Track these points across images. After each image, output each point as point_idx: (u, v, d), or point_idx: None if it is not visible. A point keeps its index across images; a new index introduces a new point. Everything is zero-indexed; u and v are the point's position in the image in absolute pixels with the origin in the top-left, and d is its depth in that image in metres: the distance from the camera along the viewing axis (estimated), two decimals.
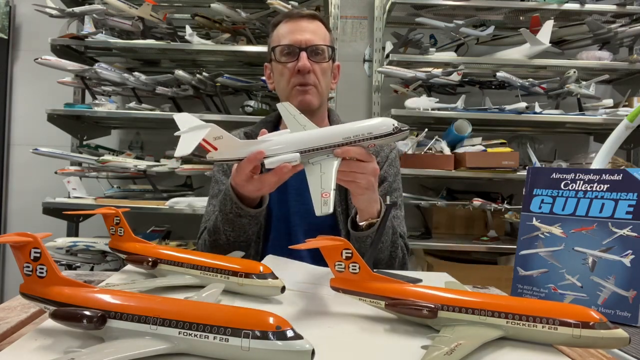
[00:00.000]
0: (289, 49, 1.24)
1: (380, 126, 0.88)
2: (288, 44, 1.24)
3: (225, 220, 1.10)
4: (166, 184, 2.85)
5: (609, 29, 2.64)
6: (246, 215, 1.08)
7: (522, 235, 1.01)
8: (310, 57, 1.23)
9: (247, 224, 1.10)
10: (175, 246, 2.41)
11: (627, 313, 0.86)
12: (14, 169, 3.09)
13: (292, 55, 1.24)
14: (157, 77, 2.62)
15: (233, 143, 0.91)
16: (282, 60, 1.25)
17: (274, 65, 1.31)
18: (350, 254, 0.71)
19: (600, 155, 1.20)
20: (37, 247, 0.60)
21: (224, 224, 1.11)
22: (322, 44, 1.26)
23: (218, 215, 1.13)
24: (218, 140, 0.90)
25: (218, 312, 0.55)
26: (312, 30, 1.26)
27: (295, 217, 1.29)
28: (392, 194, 1.32)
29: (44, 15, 2.58)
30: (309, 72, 1.23)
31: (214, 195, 1.33)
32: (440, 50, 2.79)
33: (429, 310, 0.66)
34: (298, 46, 1.23)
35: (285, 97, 1.28)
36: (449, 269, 1.15)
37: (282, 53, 1.26)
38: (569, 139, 3.06)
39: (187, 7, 2.97)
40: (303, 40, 1.24)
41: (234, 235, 1.12)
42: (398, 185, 1.36)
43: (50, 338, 0.60)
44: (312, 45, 1.24)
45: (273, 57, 1.28)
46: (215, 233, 1.15)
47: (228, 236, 1.13)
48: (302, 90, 1.24)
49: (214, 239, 1.16)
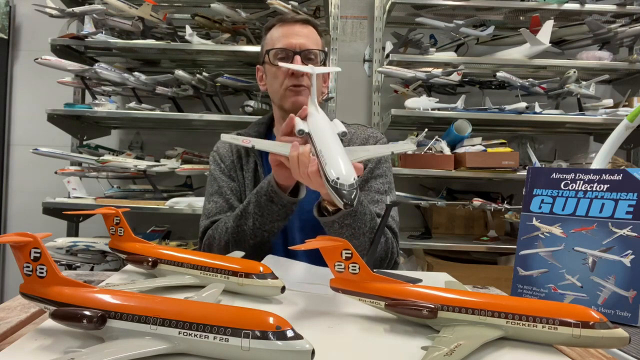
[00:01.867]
0: (284, 53, 1.27)
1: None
2: (282, 47, 1.27)
3: (257, 203, 1.14)
4: (166, 184, 2.85)
5: (609, 29, 2.64)
6: (278, 202, 1.11)
7: (522, 235, 1.01)
8: (303, 61, 1.27)
9: (276, 212, 1.13)
10: (175, 246, 2.41)
11: (627, 313, 0.86)
12: (14, 169, 3.09)
13: (286, 59, 1.27)
14: (157, 77, 2.62)
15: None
16: (276, 63, 1.28)
17: (267, 67, 1.34)
18: (350, 254, 0.71)
19: (600, 155, 1.20)
20: (37, 247, 0.60)
21: (255, 207, 1.15)
22: (315, 48, 1.30)
23: (252, 197, 1.16)
24: None
25: (218, 312, 0.55)
26: (306, 34, 1.30)
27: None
28: (377, 180, 1.31)
29: (44, 15, 2.58)
30: (302, 75, 1.26)
31: (213, 192, 1.34)
32: (440, 50, 2.79)
33: (429, 310, 0.66)
34: (292, 50, 1.27)
35: (278, 98, 1.31)
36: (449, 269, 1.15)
37: (276, 56, 1.29)
38: (569, 139, 3.06)
39: (187, 7, 2.98)
40: (297, 44, 1.27)
41: (261, 221, 1.15)
42: (384, 171, 1.34)
43: (50, 338, 0.60)
44: (305, 50, 1.28)
45: (267, 59, 1.31)
46: (242, 217, 1.18)
47: (255, 220, 1.16)
48: (295, 91, 1.27)
49: (238, 224, 1.18)
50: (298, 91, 1.27)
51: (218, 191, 1.33)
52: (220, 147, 1.41)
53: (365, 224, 1.12)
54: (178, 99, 2.74)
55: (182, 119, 2.61)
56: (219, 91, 2.73)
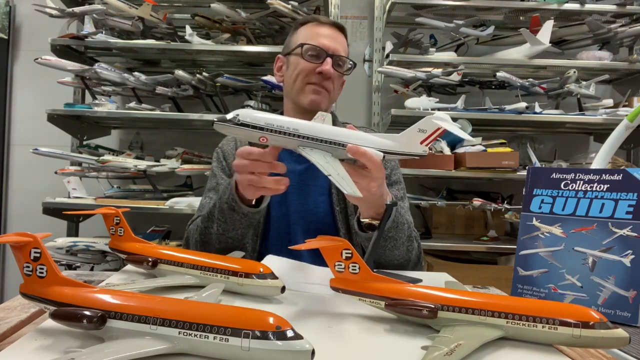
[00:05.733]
0: (318, 52, 1.28)
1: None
2: (319, 46, 1.28)
3: (220, 209, 1.10)
4: (166, 184, 2.85)
5: (609, 29, 2.64)
6: (239, 211, 1.07)
7: (522, 235, 1.01)
8: (333, 65, 1.28)
9: (238, 220, 1.09)
10: (175, 246, 2.41)
11: (627, 313, 0.86)
12: (14, 169, 3.09)
13: (317, 57, 1.28)
14: (157, 77, 2.62)
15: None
16: (307, 59, 1.28)
17: (292, 59, 1.33)
18: (350, 254, 0.71)
19: (600, 155, 1.20)
20: (37, 247, 0.60)
21: (218, 212, 1.11)
22: (346, 57, 1.34)
23: (217, 201, 1.12)
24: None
25: (218, 312, 0.55)
26: (340, 42, 1.33)
27: (294, 216, 1.29)
28: (393, 187, 1.32)
29: (44, 15, 2.58)
30: (329, 77, 1.28)
31: (210, 188, 1.34)
32: (440, 50, 2.79)
33: (429, 310, 0.66)
34: (327, 51, 1.28)
35: (295, 91, 1.31)
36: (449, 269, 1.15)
37: (308, 52, 1.29)
38: (569, 139, 3.06)
39: (187, 7, 2.98)
40: (332, 47, 1.29)
41: (224, 227, 1.11)
42: (399, 177, 1.36)
43: (50, 338, 0.60)
44: (338, 55, 1.30)
45: (300, 52, 1.30)
46: (209, 220, 1.14)
47: (219, 226, 1.12)
48: (316, 90, 1.28)
49: (206, 225, 1.15)
50: (319, 91, 1.29)
51: (215, 188, 1.32)
52: (224, 144, 1.40)
53: (404, 233, 1.13)
54: (178, 99, 2.74)
55: (182, 119, 2.61)
56: (219, 91, 2.73)
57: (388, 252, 1.12)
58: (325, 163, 0.84)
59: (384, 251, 1.12)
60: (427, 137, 0.91)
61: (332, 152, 0.87)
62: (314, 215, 1.27)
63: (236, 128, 0.82)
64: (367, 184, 0.91)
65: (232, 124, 0.82)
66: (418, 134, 0.91)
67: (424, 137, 0.91)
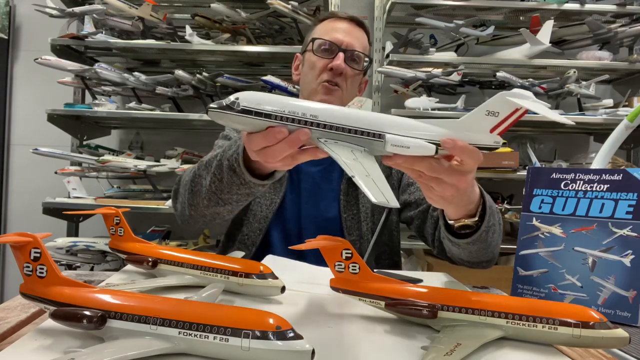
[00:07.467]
0: (329, 46, 1.22)
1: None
2: (330, 40, 1.23)
3: (219, 164, 0.95)
4: (166, 184, 2.85)
5: (609, 29, 2.64)
6: (241, 175, 0.90)
7: (522, 235, 1.01)
8: (346, 61, 1.22)
9: (236, 185, 0.93)
10: (175, 246, 2.41)
11: (627, 313, 0.86)
12: (14, 169, 3.09)
13: (329, 53, 1.22)
14: (157, 77, 2.62)
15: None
16: (318, 54, 1.23)
17: (307, 56, 1.28)
18: (350, 254, 0.71)
19: (600, 155, 1.20)
20: (37, 247, 0.60)
21: (216, 167, 0.95)
22: (362, 52, 1.25)
23: (219, 153, 0.97)
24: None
25: (218, 312, 0.55)
26: (357, 36, 1.25)
27: (306, 220, 1.26)
28: (410, 188, 1.27)
29: (44, 15, 2.58)
30: (340, 73, 1.21)
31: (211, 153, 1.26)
32: (440, 50, 2.78)
33: (429, 310, 0.66)
34: (339, 45, 1.22)
35: (309, 90, 1.26)
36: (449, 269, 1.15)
37: (320, 47, 1.24)
38: (569, 139, 3.06)
39: (187, 7, 2.97)
40: (345, 41, 1.22)
41: (218, 185, 0.96)
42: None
43: (50, 338, 0.60)
44: (352, 50, 1.22)
45: (311, 48, 1.25)
46: (206, 168, 1.00)
47: (212, 182, 0.97)
48: (328, 88, 1.21)
49: (199, 173, 1.02)
50: (331, 89, 1.21)
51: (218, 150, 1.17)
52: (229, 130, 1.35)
53: (496, 213, 1.02)
54: (178, 99, 2.74)
55: (182, 119, 2.61)
56: (219, 91, 2.73)
57: (497, 239, 1.02)
58: (352, 160, 0.63)
59: (496, 243, 1.02)
60: (500, 122, 0.70)
61: (366, 145, 0.67)
62: (326, 221, 1.23)
63: (236, 116, 0.63)
64: (456, 180, 0.73)
65: (231, 111, 0.63)
66: (487, 118, 0.69)
67: (496, 123, 0.69)
